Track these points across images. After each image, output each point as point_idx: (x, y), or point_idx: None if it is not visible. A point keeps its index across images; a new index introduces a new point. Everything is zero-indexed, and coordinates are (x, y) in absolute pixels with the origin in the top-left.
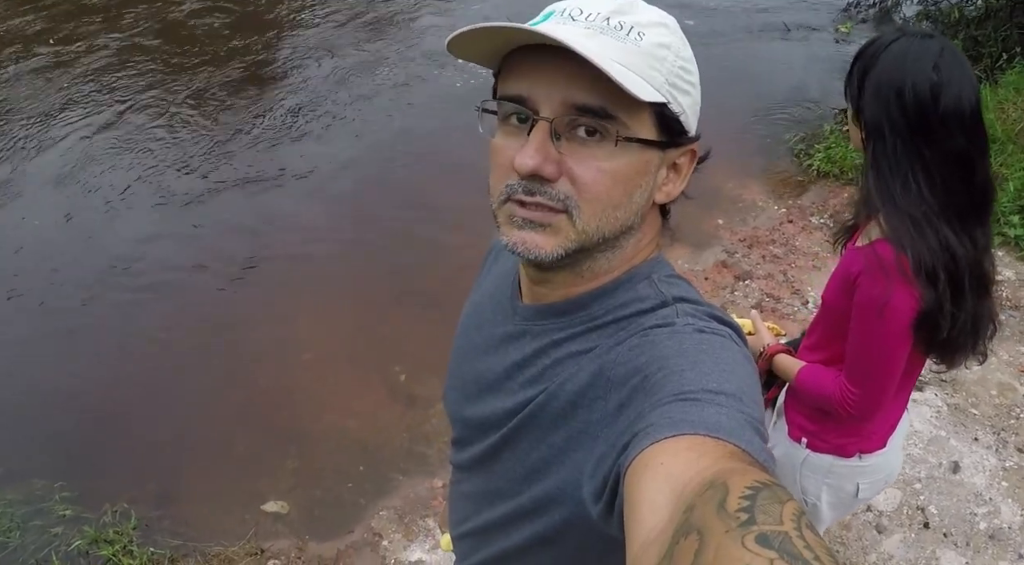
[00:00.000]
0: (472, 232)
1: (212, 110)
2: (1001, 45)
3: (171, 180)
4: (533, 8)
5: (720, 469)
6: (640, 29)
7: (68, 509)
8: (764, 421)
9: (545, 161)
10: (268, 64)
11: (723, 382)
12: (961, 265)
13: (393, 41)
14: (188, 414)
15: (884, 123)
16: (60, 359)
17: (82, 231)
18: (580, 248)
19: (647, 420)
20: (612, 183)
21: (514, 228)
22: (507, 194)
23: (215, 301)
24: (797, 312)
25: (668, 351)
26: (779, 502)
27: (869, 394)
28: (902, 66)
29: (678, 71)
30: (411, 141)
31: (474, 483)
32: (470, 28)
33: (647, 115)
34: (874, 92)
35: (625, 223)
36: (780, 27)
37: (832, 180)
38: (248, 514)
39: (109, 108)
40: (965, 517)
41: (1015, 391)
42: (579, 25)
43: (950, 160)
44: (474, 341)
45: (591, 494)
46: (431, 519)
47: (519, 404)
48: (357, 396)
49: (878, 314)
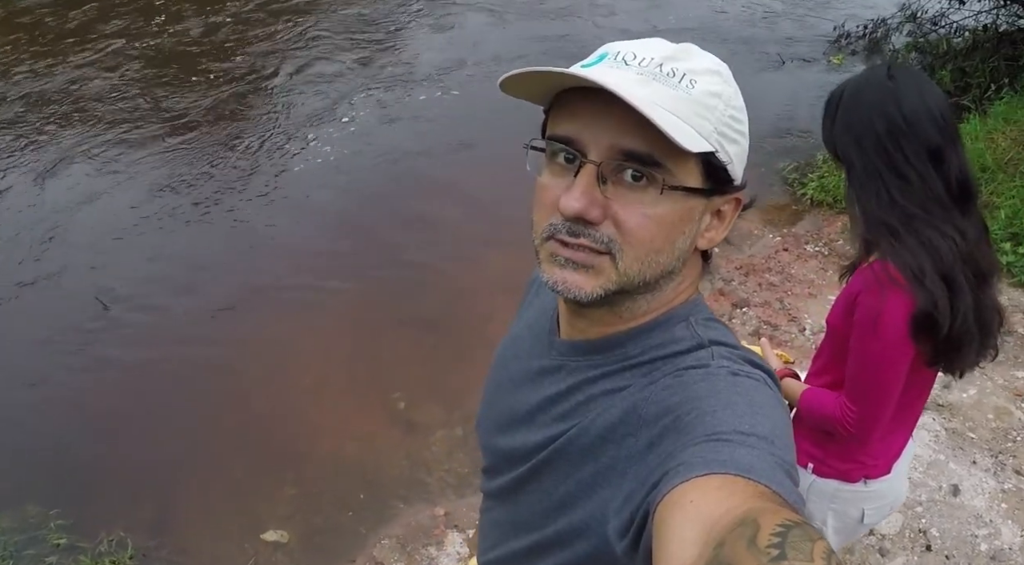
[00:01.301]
0: (470, 258)
1: (200, 133)
2: (989, 76)
3: (164, 204)
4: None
5: (751, 507)
6: (693, 77)
7: (63, 538)
8: (795, 465)
9: (591, 205)
10: (251, 88)
11: (755, 424)
12: (947, 259)
13: (385, 65)
14: (185, 440)
15: (853, 150)
16: (54, 384)
17: (75, 256)
18: (620, 290)
19: (678, 459)
20: (656, 229)
21: (555, 267)
22: (550, 232)
23: (211, 326)
24: (794, 339)
25: (701, 392)
26: (810, 540)
27: (868, 411)
28: (860, 95)
29: (727, 120)
30: (409, 165)
31: (501, 512)
32: (524, 71)
33: (694, 163)
34: (843, 129)
35: (667, 268)
36: (774, 58)
37: (826, 209)
38: (247, 543)
39: (104, 132)
40: (966, 539)
41: (1011, 415)
42: (631, 70)
43: (923, 155)
44: (511, 372)
45: (616, 530)
46: (433, 548)
47: (549, 438)
48: (356, 422)
49: (873, 327)
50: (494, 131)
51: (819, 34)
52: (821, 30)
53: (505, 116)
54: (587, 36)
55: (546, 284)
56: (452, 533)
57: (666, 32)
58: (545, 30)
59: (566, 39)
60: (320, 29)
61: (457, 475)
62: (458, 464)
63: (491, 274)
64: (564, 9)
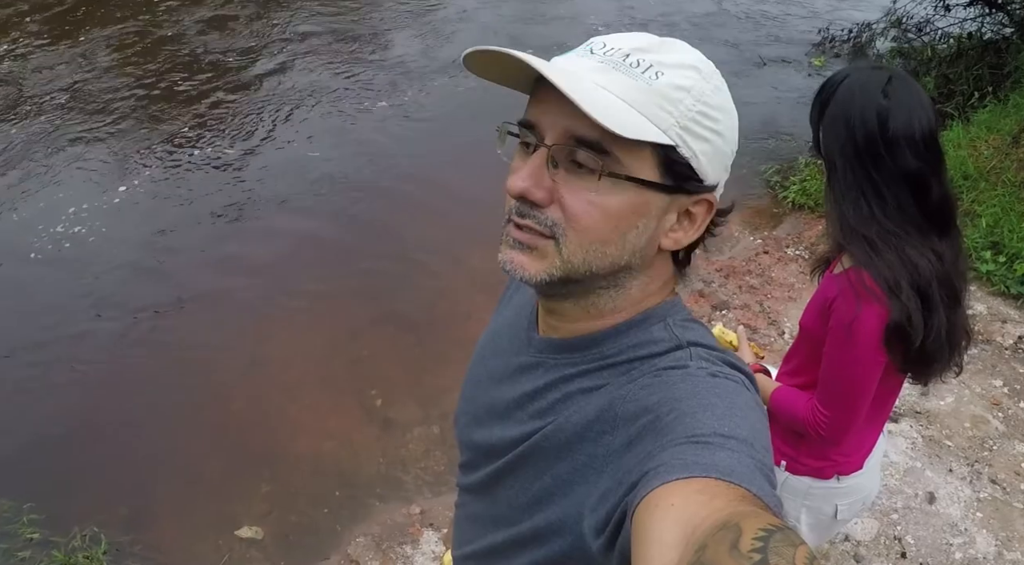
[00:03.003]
0: (447, 256)
1: (178, 126)
2: (973, 84)
3: (138, 205)
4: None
5: (732, 511)
6: (661, 69)
7: (36, 532)
8: (773, 468)
9: (535, 186)
10: (229, 84)
11: (735, 427)
12: (925, 275)
13: (365, 61)
14: (160, 436)
15: (835, 151)
16: (28, 379)
17: (49, 259)
18: (567, 278)
19: (657, 460)
20: (601, 217)
21: (507, 247)
22: (508, 215)
23: (188, 324)
24: (773, 342)
25: (680, 393)
26: (792, 545)
27: (839, 416)
28: (851, 97)
29: (695, 116)
30: (387, 164)
31: (478, 507)
32: (480, 49)
33: (649, 155)
34: (828, 124)
35: (617, 261)
36: (756, 61)
37: (807, 212)
38: (222, 540)
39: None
40: (941, 547)
41: (988, 423)
42: (594, 59)
43: (900, 180)
44: (489, 368)
45: (592, 528)
46: (408, 546)
47: (525, 434)
48: (332, 420)
49: (847, 335)
50: (472, 129)
51: (802, 37)
52: (805, 32)
53: (483, 114)
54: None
55: (500, 263)
56: (427, 531)
57: (641, 30)
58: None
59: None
60: (304, 24)
61: (433, 473)
62: (434, 462)
63: (469, 272)
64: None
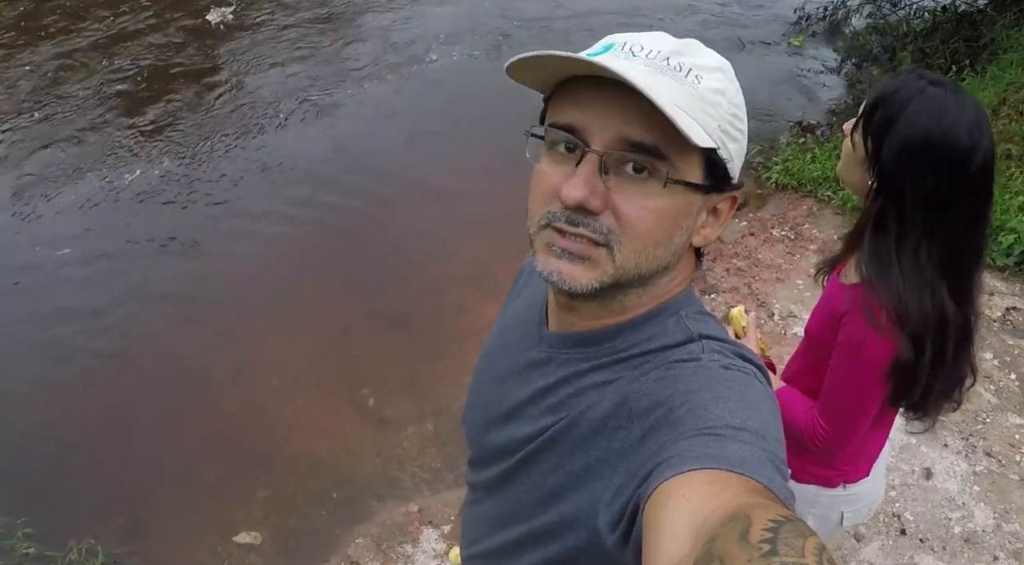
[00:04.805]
0: (439, 253)
1: (164, 134)
2: (950, 57)
3: (131, 205)
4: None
5: (742, 502)
6: (699, 72)
7: (31, 547)
8: (785, 460)
9: (592, 194)
10: (210, 83)
11: (746, 419)
12: (949, 330)
13: (351, 56)
14: (154, 443)
15: (907, 182)
16: (20, 389)
17: (38, 263)
18: (615, 283)
19: (669, 452)
20: (656, 222)
21: (551, 256)
22: (548, 220)
23: (178, 328)
24: (763, 325)
25: (693, 385)
26: (801, 536)
27: (839, 432)
28: (939, 125)
29: (730, 118)
30: (375, 158)
31: (488, 505)
32: (534, 55)
33: (696, 159)
34: (902, 146)
35: (662, 262)
36: (735, 42)
37: (791, 192)
38: (220, 546)
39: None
40: (940, 522)
41: (980, 396)
42: (639, 62)
43: (963, 218)
44: (499, 364)
45: (607, 523)
46: (408, 545)
47: (539, 430)
48: (326, 420)
49: (855, 355)
50: (462, 122)
51: (779, 16)
52: (781, 12)
53: (472, 108)
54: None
55: (540, 274)
56: (427, 529)
57: (617, 13)
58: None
59: (534, 23)
60: (288, 20)
61: (430, 470)
62: (431, 459)
63: (460, 267)
64: None
